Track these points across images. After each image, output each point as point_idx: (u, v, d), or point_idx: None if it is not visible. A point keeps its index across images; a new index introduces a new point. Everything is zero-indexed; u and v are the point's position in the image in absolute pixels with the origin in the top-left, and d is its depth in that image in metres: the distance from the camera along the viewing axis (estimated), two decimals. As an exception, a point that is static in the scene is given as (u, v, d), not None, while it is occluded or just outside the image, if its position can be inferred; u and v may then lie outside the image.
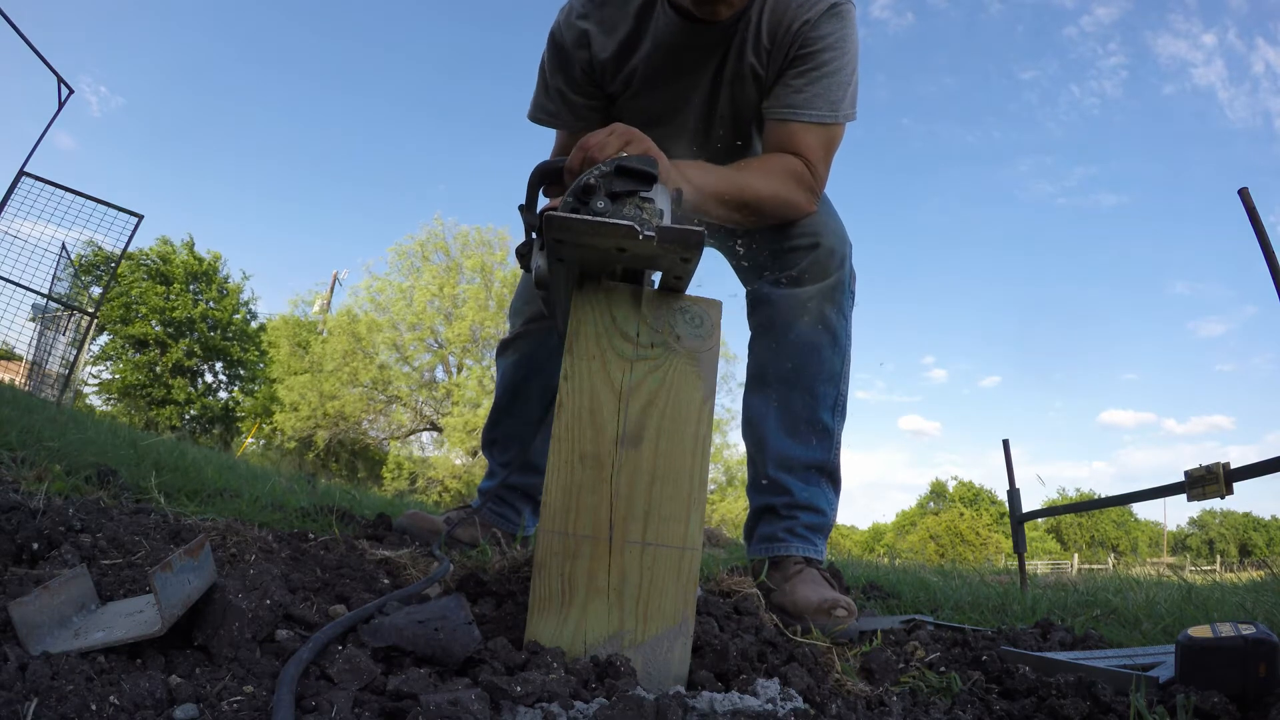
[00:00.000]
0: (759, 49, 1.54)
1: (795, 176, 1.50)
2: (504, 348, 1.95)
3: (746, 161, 1.53)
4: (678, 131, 1.67)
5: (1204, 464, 2.48)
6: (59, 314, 8.82)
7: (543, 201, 1.26)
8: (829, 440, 1.59)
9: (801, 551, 1.54)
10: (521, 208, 1.18)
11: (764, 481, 1.59)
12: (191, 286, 22.45)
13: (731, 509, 21.27)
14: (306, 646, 0.79)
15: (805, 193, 1.52)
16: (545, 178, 1.23)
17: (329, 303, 23.80)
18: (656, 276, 1.07)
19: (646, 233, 0.88)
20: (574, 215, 0.90)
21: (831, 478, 1.61)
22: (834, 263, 1.55)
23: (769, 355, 1.59)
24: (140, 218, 6.97)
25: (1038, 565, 17.83)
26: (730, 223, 1.47)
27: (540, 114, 1.74)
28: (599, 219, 0.90)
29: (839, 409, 1.61)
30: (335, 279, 25.03)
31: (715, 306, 1.03)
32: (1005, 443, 4.35)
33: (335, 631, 0.86)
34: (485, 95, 46.15)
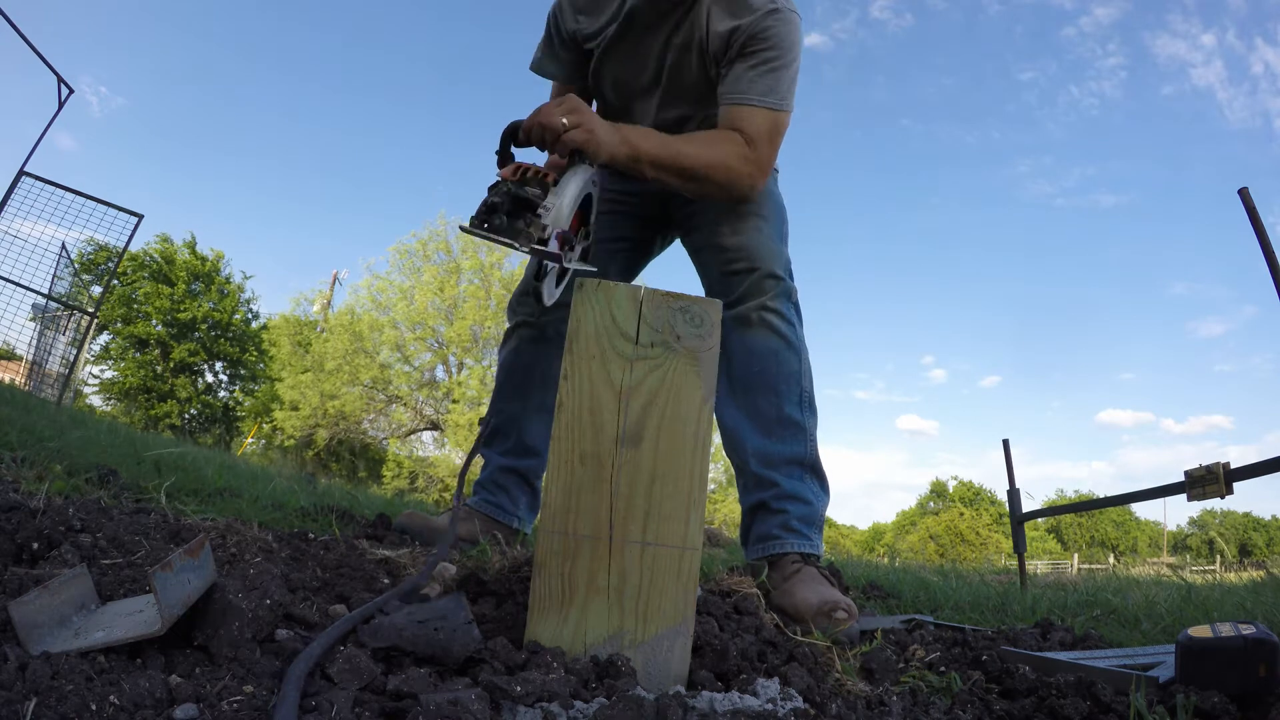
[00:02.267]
0: (707, 26, 1.64)
1: (735, 149, 1.58)
2: (505, 339, 2.03)
3: (693, 133, 1.64)
4: (635, 95, 1.80)
5: (1204, 464, 2.49)
6: (59, 314, 8.81)
7: (518, 157, 1.47)
8: (802, 435, 1.64)
9: (797, 547, 1.56)
10: (497, 156, 1.43)
11: (751, 481, 1.64)
12: (193, 286, 22.44)
13: (732, 509, 21.25)
14: (316, 643, 0.78)
15: (747, 165, 1.59)
16: (510, 135, 1.44)
17: (329, 302, 23.80)
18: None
19: (521, 249, 1.22)
20: (475, 230, 1.22)
21: (814, 471, 1.65)
22: (768, 284, 1.64)
23: (730, 366, 1.66)
24: (140, 217, 6.96)
25: (1038, 565, 17.81)
26: (671, 185, 1.58)
27: (536, 68, 1.92)
28: (488, 235, 1.22)
29: (806, 404, 1.67)
30: (335, 278, 25.04)
31: (715, 307, 1.03)
32: (1005, 443, 4.35)
33: (344, 628, 0.86)
34: (485, 95, 46.16)
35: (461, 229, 1.26)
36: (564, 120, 1.35)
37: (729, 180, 1.58)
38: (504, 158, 1.43)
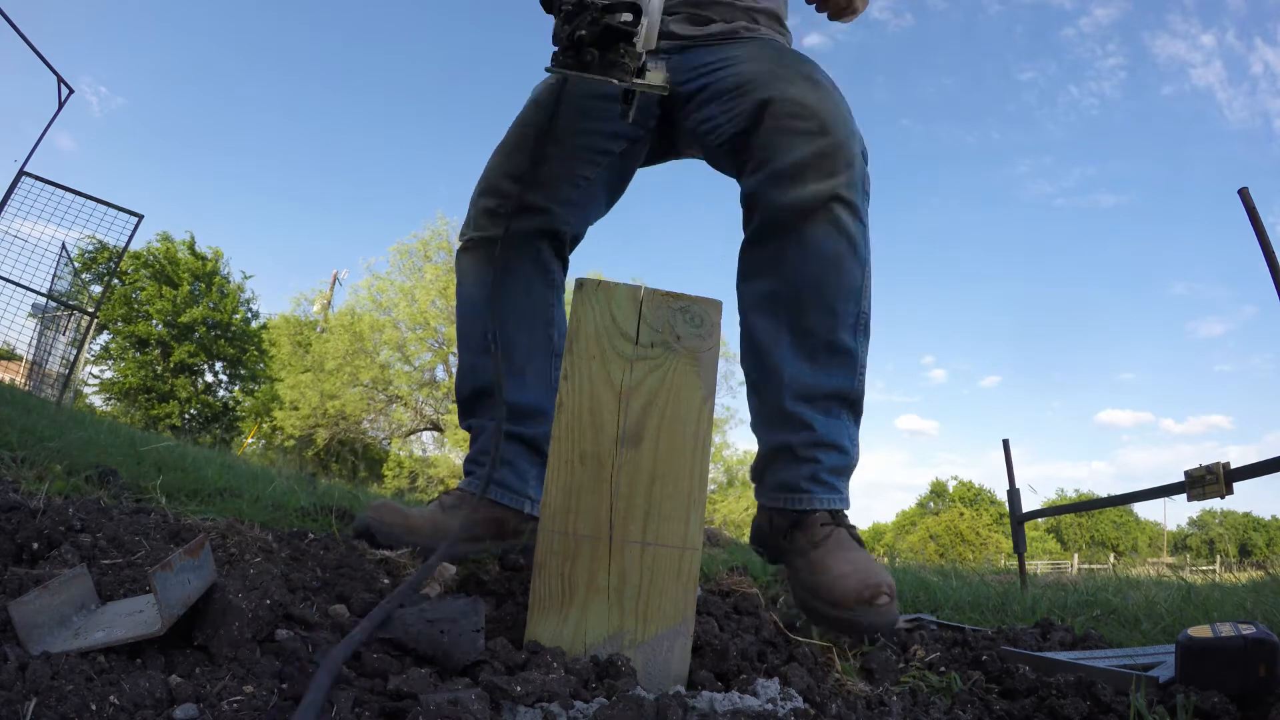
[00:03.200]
0: None
1: None
2: (460, 254, 1.65)
3: None
4: None
5: (1204, 464, 2.49)
6: (59, 314, 8.81)
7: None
8: (852, 364, 1.39)
9: (828, 504, 1.35)
10: None
11: (779, 416, 1.38)
12: (193, 287, 22.42)
13: (732, 509, 21.26)
14: (355, 632, 0.79)
15: None
16: None
17: (329, 302, 23.80)
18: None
19: (621, 85, 1.16)
20: (567, 70, 1.16)
21: (854, 409, 1.42)
22: (841, 160, 1.32)
23: (776, 266, 1.37)
24: (140, 217, 6.96)
25: (1038, 565, 17.81)
26: None
27: None
28: (584, 75, 1.15)
29: (862, 328, 1.40)
30: (335, 278, 25.04)
31: (715, 307, 1.03)
32: (1005, 443, 4.35)
33: (379, 618, 0.85)
34: (485, 95, 46.19)
35: (549, 70, 1.17)
36: None
37: None
38: None
